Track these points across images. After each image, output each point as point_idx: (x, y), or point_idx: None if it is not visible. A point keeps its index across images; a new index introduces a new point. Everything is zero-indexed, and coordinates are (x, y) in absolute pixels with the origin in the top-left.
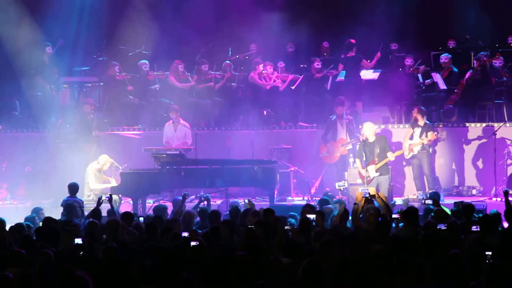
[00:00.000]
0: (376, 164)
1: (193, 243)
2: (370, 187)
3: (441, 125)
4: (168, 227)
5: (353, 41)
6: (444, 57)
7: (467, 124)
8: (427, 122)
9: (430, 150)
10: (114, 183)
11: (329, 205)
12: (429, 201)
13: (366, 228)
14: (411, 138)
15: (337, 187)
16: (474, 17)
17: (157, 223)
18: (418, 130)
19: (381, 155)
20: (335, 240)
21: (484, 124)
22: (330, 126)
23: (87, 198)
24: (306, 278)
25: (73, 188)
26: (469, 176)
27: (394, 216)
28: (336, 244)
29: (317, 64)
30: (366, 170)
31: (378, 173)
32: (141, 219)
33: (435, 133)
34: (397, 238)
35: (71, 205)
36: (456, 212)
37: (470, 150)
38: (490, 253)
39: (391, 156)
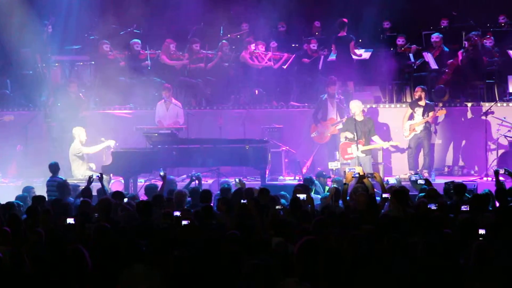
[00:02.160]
0: (363, 145)
1: (184, 222)
2: (357, 167)
3: (440, 104)
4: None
5: (345, 20)
6: (435, 37)
7: (458, 104)
8: (427, 101)
9: (433, 129)
10: (108, 143)
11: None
12: (421, 181)
13: (357, 207)
14: (410, 118)
15: (329, 167)
16: None
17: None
18: (419, 110)
19: (367, 137)
20: (327, 219)
21: (475, 104)
22: (320, 106)
23: (79, 178)
24: (301, 257)
25: (55, 168)
26: (460, 156)
27: (385, 195)
28: (328, 223)
29: (313, 45)
30: (350, 147)
31: (363, 154)
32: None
33: (442, 109)
34: (387, 218)
35: (63, 184)
36: (446, 191)
37: (461, 130)
38: (483, 231)
39: (384, 143)
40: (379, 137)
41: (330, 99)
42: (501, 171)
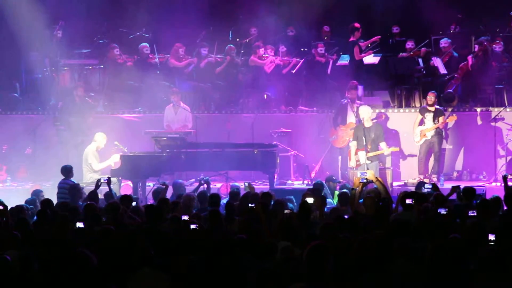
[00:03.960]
0: (368, 152)
1: (192, 226)
2: (369, 171)
3: (450, 109)
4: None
5: (357, 25)
6: (444, 42)
7: (468, 109)
8: (437, 107)
9: (443, 133)
10: (114, 159)
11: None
12: (428, 186)
13: (365, 212)
14: (421, 123)
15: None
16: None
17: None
18: (429, 115)
19: (373, 143)
20: (336, 224)
21: (484, 109)
22: (340, 110)
23: (88, 181)
24: (309, 262)
25: (67, 170)
26: (469, 161)
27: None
28: (336, 228)
29: (320, 49)
30: (356, 155)
31: (369, 161)
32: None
33: (453, 115)
34: (397, 223)
35: (75, 188)
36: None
37: (470, 135)
38: (493, 237)
39: (386, 150)
40: (385, 144)
41: (350, 104)
42: (510, 176)
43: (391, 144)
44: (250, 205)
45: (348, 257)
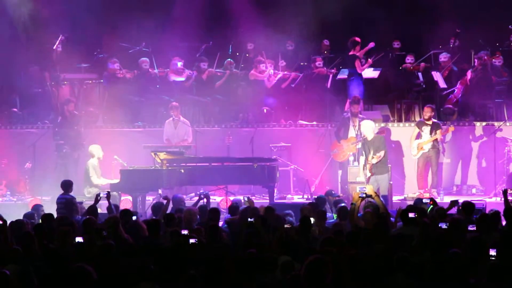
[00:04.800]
0: (368, 163)
1: (192, 241)
2: (368, 186)
3: (448, 123)
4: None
5: (357, 39)
6: (443, 56)
7: (467, 123)
8: (435, 120)
9: (441, 147)
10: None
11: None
12: (426, 201)
13: (364, 226)
14: (418, 137)
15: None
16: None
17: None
18: (426, 129)
19: (374, 155)
20: (335, 238)
21: (484, 123)
22: (342, 124)
23: (87, 195)
24: (308, 276)
25: (66, 185)
26: (469, 175)
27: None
28: (336, 242)
29: (318, 63)
30: (364, 169)
31: (370, 174)
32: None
33: (450, 126)
34: (397, 237)
35: (71, 202)
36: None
37: (470, 149)
38: (494, 252)
39: (374, 159)
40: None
41: (353, 118)
42: (510, 191)
43: (393, 157)
44: (249, 219)
45: (347, 272)
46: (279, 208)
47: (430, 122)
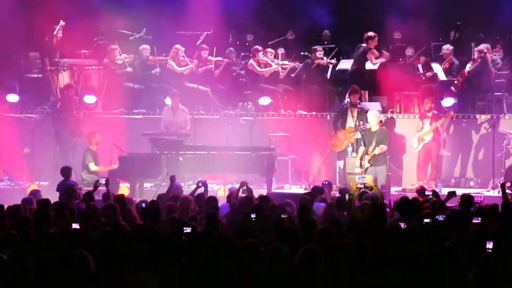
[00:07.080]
0: (368, 155)
1: (187, 230)
2: (368, 176)
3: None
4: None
5: (371, 34)
6: (446, 48)
7: (467, 116)
8: (435, 111)
9: (444, 134)
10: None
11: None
12: (429, 193)
13: (361, 217)
14: (421, 129)
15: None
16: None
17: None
18: (427, 121)
19: (375, 147)
20: (332, 228)
21: (483, 116)
22: (341, 114)
23: (83, 182)
24: (302, 265)
25: (66, 172)
26: (467, 168)
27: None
28: (332, 232)
29: (319, 53)
30: (362, 160)
31: (369, 164)
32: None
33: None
34: (393, 229)
35: (71, 188)
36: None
37: (469, 142)
38: (491, 245)
39: (376, 150)
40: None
41: (352, 108)
42: (508, 184)
43: (392, 149)
44: (246, 211)
45: (343, 262)
46: (277, 198)
47: (430, 114)
